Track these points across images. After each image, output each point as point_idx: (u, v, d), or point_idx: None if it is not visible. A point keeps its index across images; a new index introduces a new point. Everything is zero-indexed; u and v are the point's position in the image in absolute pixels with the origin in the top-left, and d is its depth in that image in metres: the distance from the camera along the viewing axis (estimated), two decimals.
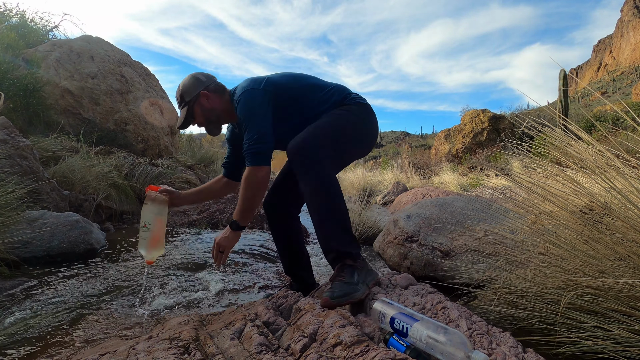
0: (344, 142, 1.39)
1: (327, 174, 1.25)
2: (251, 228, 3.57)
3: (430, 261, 1.86)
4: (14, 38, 5.16)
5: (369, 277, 1.22)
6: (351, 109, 1.45)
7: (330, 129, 1.35)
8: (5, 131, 2.85)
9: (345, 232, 1.24)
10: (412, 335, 0.88)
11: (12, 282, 1.82)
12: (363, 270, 1.22)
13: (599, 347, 0.91)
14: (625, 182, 1.12)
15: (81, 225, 2.46)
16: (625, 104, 1.80)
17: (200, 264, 2.25)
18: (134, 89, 5.80)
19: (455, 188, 6.69)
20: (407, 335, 0.89)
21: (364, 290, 1.14)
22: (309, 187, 1.24)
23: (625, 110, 1.33)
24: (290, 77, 1.49)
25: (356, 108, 1.46)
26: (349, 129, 1.40)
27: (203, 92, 1.46)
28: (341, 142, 1.38)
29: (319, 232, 1.26)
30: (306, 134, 1.28)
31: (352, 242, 1.25)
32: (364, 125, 1.47)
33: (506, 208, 1.69)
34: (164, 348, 0.95)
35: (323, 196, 1.23)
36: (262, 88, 1.38)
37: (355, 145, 1.46)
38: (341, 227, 1.24)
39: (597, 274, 1.04)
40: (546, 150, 1.48)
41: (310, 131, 1.30)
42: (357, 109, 1.46)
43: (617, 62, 70.94)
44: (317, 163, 1.23)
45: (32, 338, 1.31)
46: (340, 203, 1.25)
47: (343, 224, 1.24)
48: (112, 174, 3.91)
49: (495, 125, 11.23)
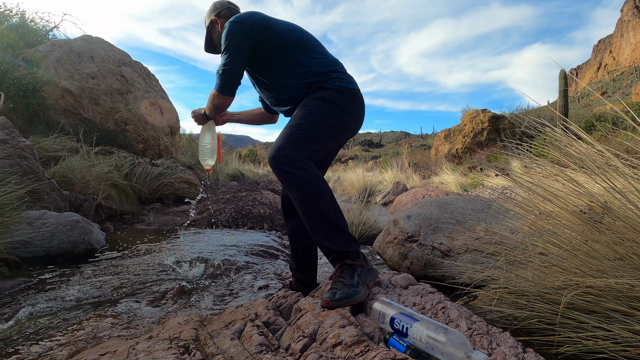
0: (324, 137, 1.35)
1: (311, 179, 1.22)
2: (251, 228, 3.57)
3: (430, 261, 1.86)
4: (14, 38, 5.16)
5: (369, 276, 1.22)
6: (331, 97, 1.37)
7: (308, 126, 1.31)
8: (5, 131, 2.85)
9: (341, 232, 1.23)
10: (412, 335, 0.88)
11: (12, 282, 1.82)
12: (363, 269, 1.21)
13: (599, 347, 0.91)
14: (625, 182, 1.12)
15: (81, 225, 2.46)
16: (625, 104, 1.80)
17: (200, 264, 2.25)
18: (134, 89, 5.80)
19: (455, 188, 6.68)
20: (407, 335, 0.89)
21: (364, 292, 1.14)
22: (296, 198, 1.23)
23: (625, 110, 1.33)
24: (289, 29, 1.46)
25: (336, 95, 1.38)
26: (328, 122, 1.35)
27: (214, 18, 1.57)
28: (321, 138, 1.33)
29: (315, 238, 1.25)
30: (282, 140, 1.26)
31: (348, 240, 1.24)
32: (345, 115, 1.39)
33: (506, 208, 1.69)
34: (164, 348, 0.95)
35: (311, 204, 1.21)
36: (249, 25, 1.36)
37: (337, 136, 1.43)
38: (335, 228, 1.23)
39: (597, 274, 1.04)
40: (546, 150, 1.48)
41: (287, 135, 1.27)
42: (338, 97, 1.38)
43: (617, 62, 70.94)
44: (298, 169, 1.21)
45: (32, 338, 1.31)
46: (330, 205, 1.23)
47: (337, 224, 1.23)
48: (112, 174, 3.91)
49: (495, 125, 11.23)
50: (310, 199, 1.21)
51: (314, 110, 1.35)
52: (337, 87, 1.40)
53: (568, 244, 1.17)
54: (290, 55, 1.42)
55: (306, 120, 1.32)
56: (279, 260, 2.53)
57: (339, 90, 1.40)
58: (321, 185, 1.24)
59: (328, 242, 1.22)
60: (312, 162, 1.27)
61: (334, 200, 1.26)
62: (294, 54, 1.42)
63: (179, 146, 7.14)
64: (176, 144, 6.94)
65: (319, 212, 1.22)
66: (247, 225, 3.64)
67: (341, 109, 1.38)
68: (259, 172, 10.34)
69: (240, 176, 8.12)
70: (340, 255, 1.21)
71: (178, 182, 4.83)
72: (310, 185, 1.21)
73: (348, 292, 1.09)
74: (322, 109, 1.36)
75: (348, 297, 1.08)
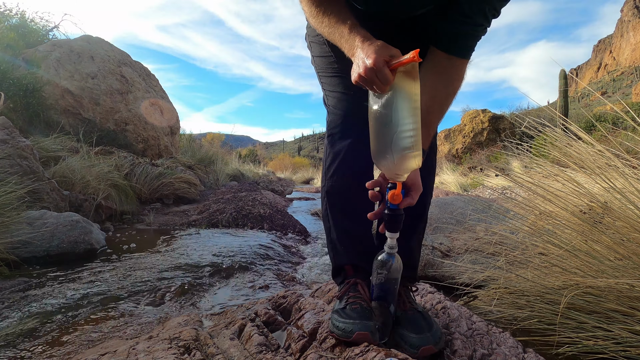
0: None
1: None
2: (251, 228, 3.57)
3: (430, 261, 1.86)
4: (14, 38, 5.17)
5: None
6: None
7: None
8: (5, 131, 2.85)
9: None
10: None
11: (12, 282, 1.82)
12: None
13: (599, 347, 0.91)
14: (625, 182, 1.12)
15: (81, 225, 2.46)
16: (625, 104, 1.80)
17: (200, 264, 2.25)
18: (134, 89, 5.80)
19: (455, 188, 6.69)
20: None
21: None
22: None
23: (625, 110, 1.33)
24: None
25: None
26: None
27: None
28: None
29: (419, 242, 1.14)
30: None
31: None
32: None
33: (506, 208, 1.69)
34: (164, 348, 0.95)
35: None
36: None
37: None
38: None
39: (597, 274, 1.04)
40: (546, 150, 1.48)
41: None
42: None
43: (617, 62, 70.91)
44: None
45: (31, 338, 1.31)
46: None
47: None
48: (112, 174, 3.91)
49: (495, 125, 11.23)
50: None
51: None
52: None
53: (568, 244, 1.17)
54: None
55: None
56: (278, 260, 2.53)
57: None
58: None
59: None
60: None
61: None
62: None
63: (179, 146, 7.15)
64: (176, 144, 6.95)
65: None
66: (248, 225, 3.64)
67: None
68: (259, 172, 10.34)
69: (240, 176, 8.12)
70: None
71: (178, 182, 4.83)
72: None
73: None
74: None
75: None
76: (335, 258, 1.07)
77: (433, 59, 0.88)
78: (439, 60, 0.87)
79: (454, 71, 0.88)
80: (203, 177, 6.07)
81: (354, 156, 1.00)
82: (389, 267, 0.85)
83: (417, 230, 1.07)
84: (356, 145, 0.99)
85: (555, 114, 1.53)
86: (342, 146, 1.00)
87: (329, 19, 0.85)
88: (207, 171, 6.56)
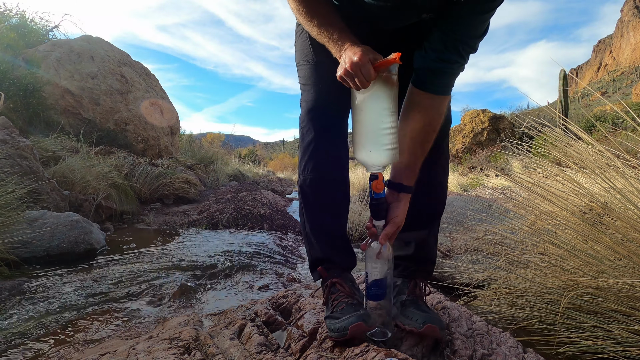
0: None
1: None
2: (251, 228, 3.57)
3: None
4: (14, 38, 5.17)
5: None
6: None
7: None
8: (5, 131, 2.85)
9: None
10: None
11: (12, 282, 1.82)
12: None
13: (599, 347, 0.91)
14: (625, 182, 1.12)
15: (81, 225, 2.46)
16: (625, 104, 1.80)
17: (200, 264, 2.25)
18: (134, 89, 5.80)
19: (455, 188, 6.69)
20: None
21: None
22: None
23: (625, 111, 1.33)
24: None
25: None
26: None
27: None
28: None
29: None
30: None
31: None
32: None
33: (506, 208, 1.69)
34: (164, 348, 0.95)
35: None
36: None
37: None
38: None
39: (597, 274, 1.04)
40: (546, 150, 1.48)
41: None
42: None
43: (617, 62, 70.95)
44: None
45: (32, 338, 1.31)
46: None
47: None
48: (112, 174, 3.90)
49: (495, 125, 11.24)
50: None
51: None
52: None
53: (568, 244, 1.17)
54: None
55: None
56: (278, 260, 2.53)
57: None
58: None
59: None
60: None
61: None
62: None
63: (179, 146, 7.15)
64: (176, 144, 6.95)
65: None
66: (248, 225, 3.64)
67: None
68: (259, 172, 10.34)
69: (240, 176, 8.12)
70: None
71: (178, 182, 4.83)
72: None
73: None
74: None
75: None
76: (311, 251, 1.09)
77: (412, 97, 0.91)
78: (419, 99, 0.90)
79: (433, 109, 0.91)
80: (203, 177, 6.07)
81: (322, 149, 1.00)
82: (380, 255, 0.88)
83: (435, 225, 1.13)
84: (322, 136, 0.99)
85: (555, 114, 1.53)
86: (309, 139, 1.00)
87: (319, 20, 0.88)
88: (207, 171, 6.56)
